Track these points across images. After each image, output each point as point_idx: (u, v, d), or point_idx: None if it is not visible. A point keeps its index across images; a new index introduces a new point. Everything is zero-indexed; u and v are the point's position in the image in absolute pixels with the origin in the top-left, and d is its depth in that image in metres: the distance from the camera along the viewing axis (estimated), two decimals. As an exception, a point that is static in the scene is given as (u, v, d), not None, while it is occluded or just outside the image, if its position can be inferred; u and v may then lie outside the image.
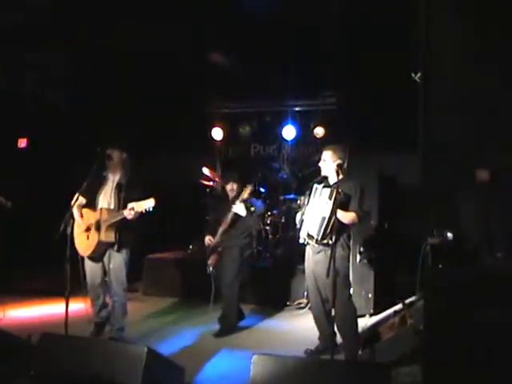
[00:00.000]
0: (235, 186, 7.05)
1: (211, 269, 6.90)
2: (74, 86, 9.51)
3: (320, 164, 5.81)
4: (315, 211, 5.56)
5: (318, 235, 5.47)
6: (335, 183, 5.66)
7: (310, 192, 5.73)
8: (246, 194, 6.78)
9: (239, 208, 6.78)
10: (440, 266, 3.89)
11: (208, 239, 7.00)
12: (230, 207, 6.85)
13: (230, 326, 6.83)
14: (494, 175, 5.44)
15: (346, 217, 5.48)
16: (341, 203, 5.38)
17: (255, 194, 9.57)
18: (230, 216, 6.85)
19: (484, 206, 4.05)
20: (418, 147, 6.13)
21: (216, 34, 8.83)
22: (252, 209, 6.93)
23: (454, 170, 5.40)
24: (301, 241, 5.80)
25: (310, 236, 5.62)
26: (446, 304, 3.76)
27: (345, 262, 5.71)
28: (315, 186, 5.70)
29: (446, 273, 3.80)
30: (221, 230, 6.90)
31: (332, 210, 5.30)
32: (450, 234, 4.40)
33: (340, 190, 5.35)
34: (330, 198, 5.37)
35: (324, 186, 5.60)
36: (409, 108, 7.10)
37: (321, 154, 5.85)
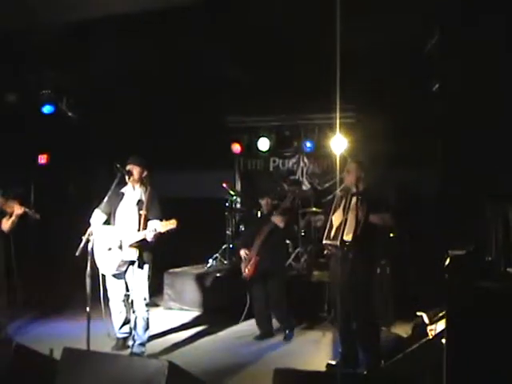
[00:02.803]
0: (269, 201, 7.24)
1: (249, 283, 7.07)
2: (93, 102, 9.63)
3: (344, 175, 5.88)
4: (348, 218, 5.57)
5: (351, 238, 5.49)
6: (360, 192, 5.69)
7: (336, 201, 5.76)
8: (286, 204, 7.05)
9: (278, 219, 6.94)
10: (461, 278, 3.87)
11: (244, 252, 7.07)
12: (268, 217, 7.02)
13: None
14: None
15: (382, 219, 5.55)
16: (373, 208, 5.48)
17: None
18: (268, 227, 6.99)
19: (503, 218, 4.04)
20: (436, 160, 6.12)
21: (234, 48, 8.87)
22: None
23: (475, 182, 5.39)
24: (325, 252, 5.83)
25: (343, 242, 5.57)
26: (467, 317, 3.73)
27: (370, 274, 5.73)
28: (341, 194, 5.76)
29: (467, 286, 3.77)
30: (258, 242, 7.00)
31: (365, 215, 5.42)
32: (471, 247, 4.39)
33: (367, 197, 5.43)
34: (360, 204, 5.46)
35: (353, 194, 5.65)
36: (428, 120, 7.10)
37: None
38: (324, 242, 5.74)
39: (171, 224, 5.93)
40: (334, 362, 5.86)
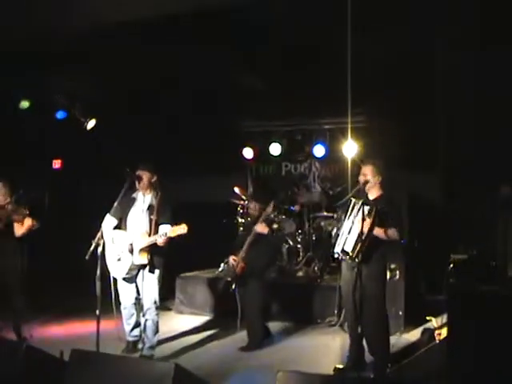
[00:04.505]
0: (257, 206, 7.18)
1: (234, 286, 6.98)
2: (104, 107, 9.74)
3: (360, 179, 5.77)
4: (353, 227, 5.52)
5: (353, 252, 5.44)
6: (374, 199, 5.67)
7: (348, 207, 5.67)
8: (269, 210, 6.88)
9: (261, 226, 6.88)
10: (463, 282, 3.89)
11: (232, 259, 7.10)
12: (253, 226, 6.96)
13: (255, 342, 6.88)
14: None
15: (388, 234, 5.48)
16: (380, 220, 5.39)
17: (286, 212, 9.68)
18: (252, 233, 6.95)
19: (505, 223, 4.04)
20: (440, 165, 6.13)
21: (245, 53, 8.94)
22: (275, 226, 6.99)
23: (477, 188, 5.39)
24: (335, 255, 5.79)
25: (344, 252, 5.59)
26: (469, 321, 3.76)
27: (382, 280, 5.72)
28: (354, 201, 5.64)
29: (468, 289, 3.79)
30: (244, 247, 6.98)
31: (370, 228, 5.33)
32: (473, 251, 4.40)
33: (379, 207, 5.36)
34: (369, 216, 5.37)
35: (363, 203, 5.51)
36: (435, 125, 7.11)
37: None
38: (333, 250, 5.74)
39: (181, 229, 6.01)
40: (341, 366, 5.88)
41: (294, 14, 7.46)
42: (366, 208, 5.43)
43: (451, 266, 4.25)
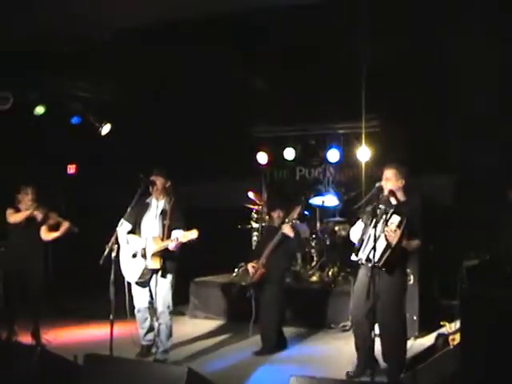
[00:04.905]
0: (281, 214, 7.19)
1: (251, 291, 7.00)
2: (118, 112, 9.81)
3: (382, 183, 5.58)
4: (381, 237, 5.35)
5: (379, 262, 5.32)
6: (397, 205, 5.55)
7: (375, 213, 5.41)
8: (295, 215, 6.93)
9: (288, 229, 6.89)
10: (476, 288, 3.86)
11: (251, 266, 7.09)
12: (278, 229, 6.98)
13: (269, 347, 6.88)
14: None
15: (411, 245, 5.45)
16: (407, 231, 5.31)
17: (301, 216, 9.68)
18: (277, 238, 6.96)
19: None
20: (452, 170, 6.09)
21: (259, 58, 8.96)
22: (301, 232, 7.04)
23: (488, 192, 5.35)
24: (353, 258, 5.65)
25: (369, 260, 5.43)
26: (482, 326, 3.74)
27: (403, 287, 5.70)
28: (383, 208, 5.46)
29: (481, 294, 3.78)
30: (266, 252, 7.00)
31: (399, 240, 5.27)
32: (486, 256, 4.37)
33: (407, 218, 5.27)
34: (399, 227, 5.27)
35: (393, 212, 5.38)
36: (449, 129, 7.09)
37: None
38: (352, 258, 5.65)
39: (192, 234, 6.05)
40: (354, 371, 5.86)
41: (310, 17, 7.45)
42: (397, 219, 5.32)
43: (464, 270, 4.22)
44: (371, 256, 5.32)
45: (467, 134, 6.04)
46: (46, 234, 7.17)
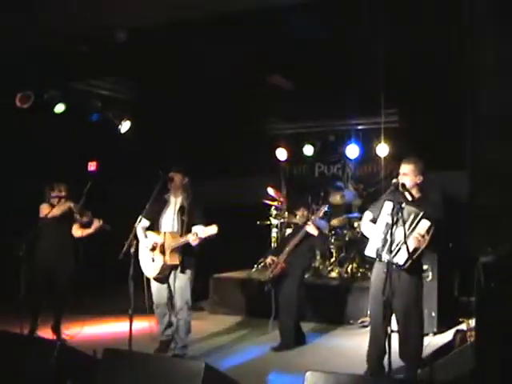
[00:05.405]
0: (305, 213, 7.27)
1: (269, 285, 7.04)
2: (138, 111, 9.87)
3: (400, 178, 5.47)
4: (408, 240, 5.15)
5: (405, 264, 5.25)
6: (413, 200, 5.46)
7: (400, 213, 5.13)
8: (320, 213, 6.99)
9: (312, 228, 6.92)
10: (492, 284, 3.85)
11: (270, 259, 7.14)
12: (302, 227, 7.03)
13: (288, 343, 6.92)
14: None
15: (429, 247, 5.43)
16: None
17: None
18: (300, 235, 7.00)
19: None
20: (467, 164, 6.05)
21: (277, 55, 8.95)
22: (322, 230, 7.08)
23: (504, 187, 5.30)
24: (368, 253, 5.53)
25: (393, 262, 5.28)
26: (497, 323, 3.73)
27: (421, 283, 5.66)
28: (413, 211, 5.29)
29: (497, 292, 3.76)
30: (288, 249, 7.04)
31: (427, 246, 5.28)
32: (503, 252, 4.34)
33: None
34: (428, 232, 5.24)
35: (422, 217, 5.25)
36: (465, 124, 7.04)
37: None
38: (367, 254, 5.55)
39: (212, 229, 6.09)
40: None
41: (330, 13, 7.41)
42: (427, 224, 5.27)
43: (480, 266, 4.21)
44: (396, 260, 5.24)
45: (485, 131, 5.98)
46: (78, 231, 7.25)
